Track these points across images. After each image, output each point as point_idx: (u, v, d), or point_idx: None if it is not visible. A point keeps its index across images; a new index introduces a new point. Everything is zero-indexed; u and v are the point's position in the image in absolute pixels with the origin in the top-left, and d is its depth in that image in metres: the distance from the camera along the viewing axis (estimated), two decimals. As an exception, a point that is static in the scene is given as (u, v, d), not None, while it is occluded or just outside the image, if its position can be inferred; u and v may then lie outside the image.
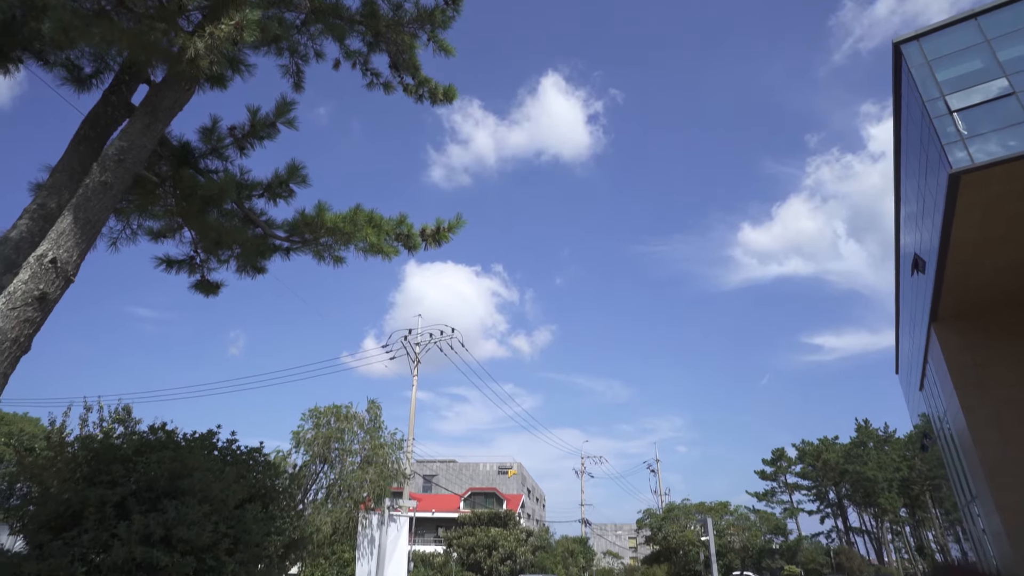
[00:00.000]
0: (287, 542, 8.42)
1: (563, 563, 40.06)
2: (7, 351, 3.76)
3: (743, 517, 30.14)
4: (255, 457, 8.86)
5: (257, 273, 7.03)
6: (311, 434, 17.12)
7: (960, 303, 17.55)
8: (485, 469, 58.43)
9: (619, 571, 69.30)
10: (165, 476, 7.02)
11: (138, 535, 6.27)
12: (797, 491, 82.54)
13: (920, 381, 28.08)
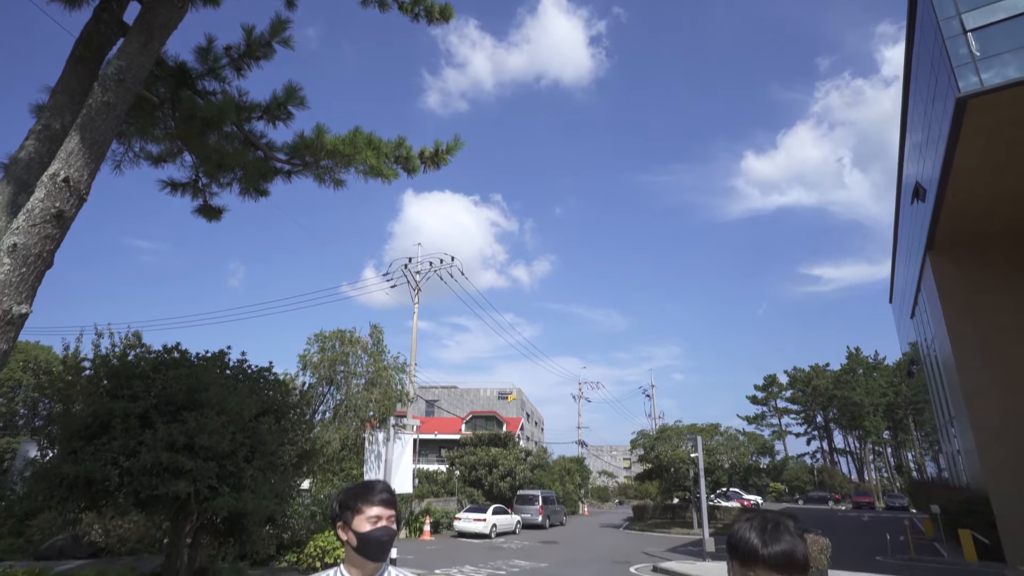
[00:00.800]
0: (300, 452, 9.02)
1: (560, 481, 42.39)
2: (33, 265, 3.98)
3: (732, 438, 31.58)
4: (265, 376, 9.31)
5: (260, 196, 7.15)
6: (317, 358, 17.72)
7: (957, 232, 17.70)
8: (485, 394, 60.52)
9: (613, 488, 73.29)
10: (183, 390, 7.45)
11: (163, 442, 6.76)
12: (786, 415, 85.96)
13: (912, 309, 28.67)
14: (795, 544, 1.45)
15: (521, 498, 30.51)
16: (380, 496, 1.85)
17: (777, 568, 1.42)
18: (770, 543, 1.44)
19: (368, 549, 1.80)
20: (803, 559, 1.45)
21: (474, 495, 31.87)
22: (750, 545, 1.46)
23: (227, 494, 7.06)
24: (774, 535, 1.46)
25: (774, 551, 1.43)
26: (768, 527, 1.48)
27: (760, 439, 33.92)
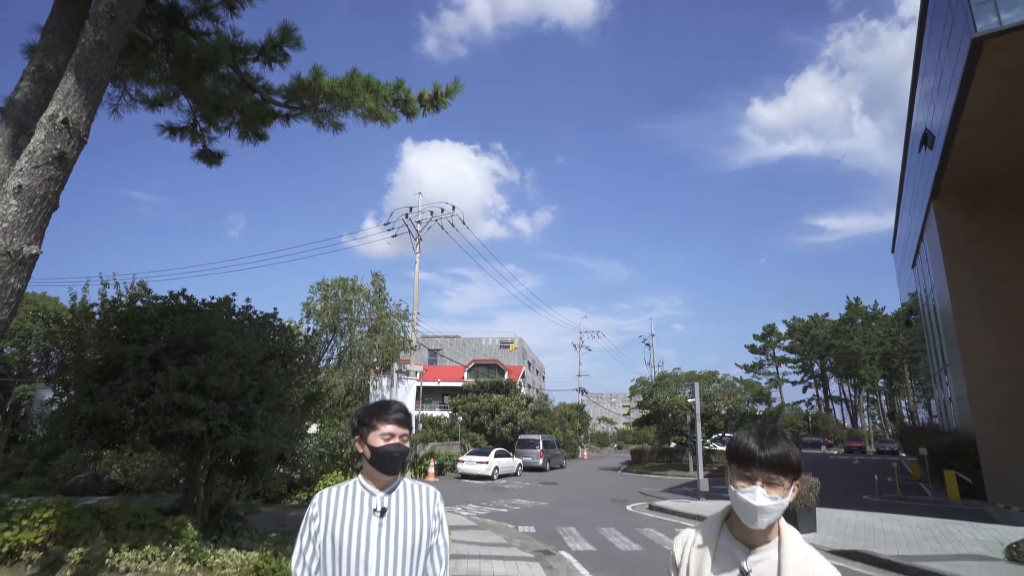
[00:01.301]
0: (306, 395, 9.29)
1: (560, 426, 43.55)
2: (39, 207, 4.03)
3: (729, 385, 32.26)
4: (270, 322, 9.47)
5: (258, 140, 7.09)
6: (320, 305, 17.94)
7: (962, 179, 17.52)
8: (487, 343, 61.35)
9: (612, 434, 75.32)
10: (191, 334, 7.61)
11: (174, 383, 6.97)
12: (784, 364, 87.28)
13: (913, 259, 28.69)
14: (790, 448, 1.53)
15: (522, 442, 31.45)
16: (394, 415, 1.96)
17: (772, 469, 1.51)
18: (767, 446, 1.53)
19: (381, 462, 1.92)
20: (797, 462, 1.53)
21: (477, 439, 32.85)
22: (748, 448, 1.55)
23: (238, 432, 7.33)
24: (771, 440, 1.54)
25: (771, 453, 1.51)
26: (766, 433, 1.58)
27: (757, 386, 34.62)
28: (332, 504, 1.92)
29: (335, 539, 1.85)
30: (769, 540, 1.55)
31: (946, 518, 13.38)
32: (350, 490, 1.96)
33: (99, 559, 5.87)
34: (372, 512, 1.89)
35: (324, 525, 1.89)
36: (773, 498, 1.49)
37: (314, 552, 1.89)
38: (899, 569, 8.62)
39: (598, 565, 8.66)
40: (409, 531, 1.90)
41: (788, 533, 1.56)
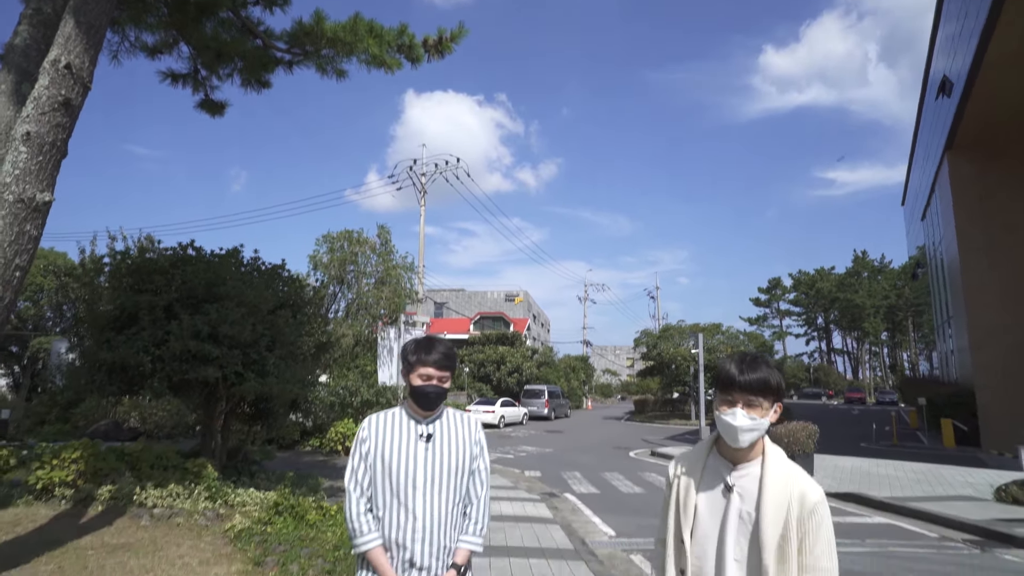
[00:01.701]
0: (317, 344, 9.48)
1: (565, 377, 44.30)
2: (49, 154, 4.05)
3: (733, 337, 32.56)
4: (279, 272, 9.57)
5: (261, 87, 7.00)
6: (327, 258, 18.03)
7: (978, 130, 17.11)
8: (493, 297, 61.70)
9: (616, 385, 76.64)
10: (202, 284, 7.72)
11: (188, 332, 7.13)
12: (788, 317, 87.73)
13: (923, 211, 28.35)
14: (769, 373, 1.61)
15: (528, 392, 32.09)
16: (434, 358, 2.05)
17: (752, 391, 1.59)
18: (746, 371, 1.61)
19: (418, 400, 2.06)
20: (776, 385, 1.61)
21: (483, 389, 33.53)
22: (729, 374, 1.63)
23: (252, 379, 7.54)
24: (751, 365, 1.63)
25: (750, 378, 1.60)
26: (746, 359, 1.65)
27: (760, 338, 34.94)
28: (380, 429, 2.06)
29: (385, 460, 1.99)
30: (753, 458, 1.63)
31: (940, 464, 13.75)
32: (396, 416, 2.09)
33: (127, 496, 6.18)
34: (419, 437, 2.02)
35: (374, 447, 2.02)
36: (752, 418, 1.57)
37: (365, 470, 2.03)
38: (891, 509, 8.95)
39: (601, 506, 9.02)
40: (453, 455, 2.04)
41: (772, 451, 1.64)
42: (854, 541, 7.07)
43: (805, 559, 1.52)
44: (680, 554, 1.67)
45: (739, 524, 1.57)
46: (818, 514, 1.54)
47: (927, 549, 6.83)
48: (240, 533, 5.28)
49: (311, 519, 5.61)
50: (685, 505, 1.68)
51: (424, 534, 1.95)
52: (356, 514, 1.99)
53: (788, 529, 1.52)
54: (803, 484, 1.57)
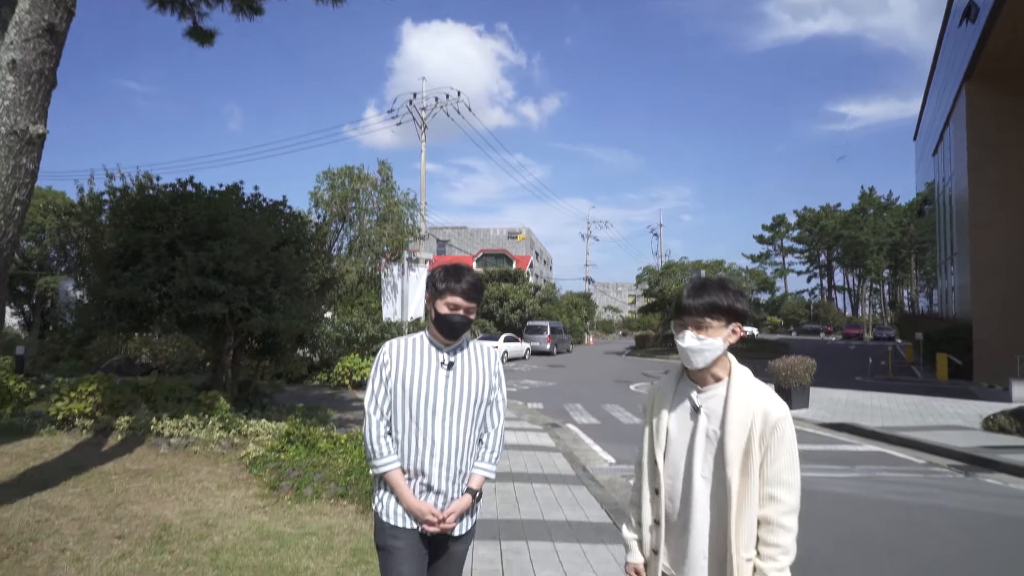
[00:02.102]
0: (321, 280, 9.54)
1: (567, 314, 44.80)
2: (37, 83, 3.94)
3: (735, 273, 32.67)
4: (280, 209, 9.50)
5: (253, 14, 6.70)
6: (327, 195, 17.84)
7: (1000, 59, 16.42)
8: (495, 234, 61.45)
9: (617, 322, 77.57)
10: (204, 221, 7.69)
11: (193, 268, 7.16)
12: (791, 254, 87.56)
13: (936, 146, 27.68)
14: (720, 296, 1.64)
15: (530, 328, 32.55)
16: (463, 288, 2.02)
17: (700, 314, 1.63)
18: (694, 296, 1.65)
19: (442, 329, 2.05)
20: (728, 306, 1.64)
21: (486, 326, 33.99)
22: (680, 300, 1.69)
23: (259, 315, 7.65)
24: (699, 290, 1.67)
25: (697, 302, 1.64)
26: (697, 284, 1.70)
27: (762, 275, 35.09)
28: (402, 354, 2.05)
29: (405, 386, 2.00)
30: (719, 380, 1.68)
31: (932, 396, 14.10)
32: (417, 343, 2.08)
33: (144, 426, 6.41)
34: (440, 365, 2.03)
35: (395, 372, 2.02)
36: (700, 339, 1.62)
37: (386, 394, 2.03)
38: (882, 438, 9.26)
39: (602, 436, 9.35)
40: (473, 384, 2.05)
41: (738, 372, 1.68)
42: (845, 467, 7.37)
43: (767, 471, 1.57)
44: (654, 474, 1.74)
45: (706, 443, 1.62)
46: (780, 430, 1.57)
47: (914, 474, 7.12)
48: (255, 460, 5.52)
49: (322, 447, 5.84)
50: (658, 429, 1.73)
51: (442, 459, 1.98)
52: (376, 437, 2.01)
53: (751, 444, 1.55)
54: (767, 401, 1.60)
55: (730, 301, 1.64)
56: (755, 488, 1.56)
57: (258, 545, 3.70)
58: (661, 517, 1.72)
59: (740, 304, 1.66)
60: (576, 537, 4.40)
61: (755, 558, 1.59)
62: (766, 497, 1.58)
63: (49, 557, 3.34)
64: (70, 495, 4.39)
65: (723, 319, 1.64)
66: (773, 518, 1.57)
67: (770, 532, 1.57)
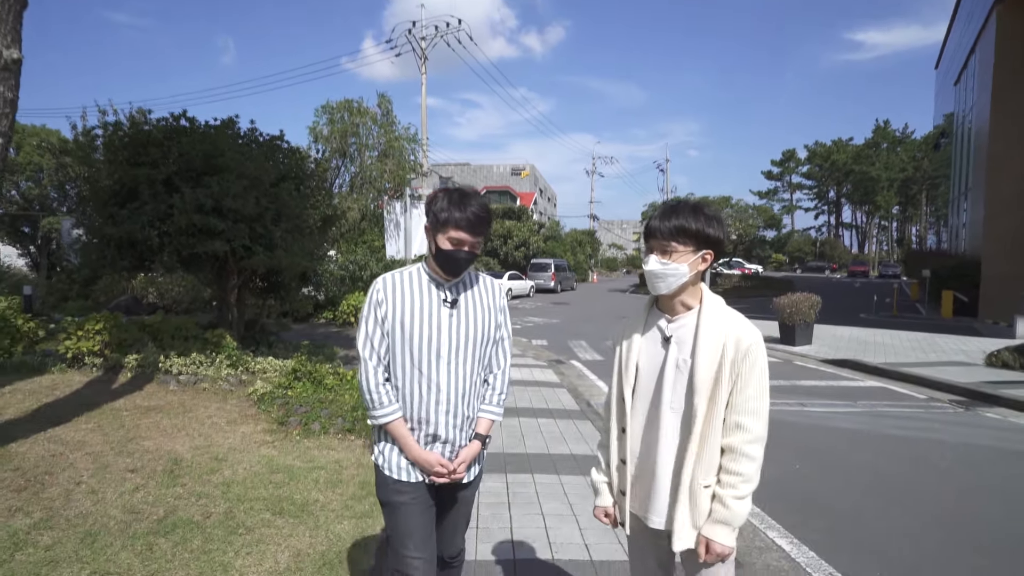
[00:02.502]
0: (323, 217, 9.39)
1: (572, 251, 44.63)
2: (5, 3, 3.67)
3: (742, 210, 32.20)
4: (278, 144, 9.23)
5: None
6: (327, 130, 17.35)
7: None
8: (499, 171, 60.38)
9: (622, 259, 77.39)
10: (200, 156, 7.48)
11: (191, 205, 7.03)
12: (799, 190, 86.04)
13: (958, 75, 26.51)
14: (690, 219, 1.56)
15: (535, 266, 32.51)
16: (467, 219, 1.77)
17: (665, 237, 1.56)
18: (662, 219, 1.59)
19: (444, 265, 1.83)
20: (697, 231, 1.55)
21: (490, 264, 33.95)
22: (649, 224, 1.63)
23: (261, 253, 7.57)
24: (668, 212, 1.59)
25: (663, 224, 1.57)
26: (668, 207, 1.62)
27: (769, 212, 34.65)
28: (399, 291, 1.84)
29: (404, 327, 1.81)
30: (690, 308, 1.61)
31: (936, 333, 14.14)
32: (415, 278, 1.87)
33: (152, 364, 6.47)
34: (442, 303, 1.84)
35: (392, 312, 1.82)
36: (663, 263, 1.55)
37: (382, 337, 1.83)
38: (884, 374, 9.33)
39: (605, 371, 9.44)
40: (479, 322, 1.88)
41: (709, 300, 1.61)
42: (847, 402, 7.45)
43: (735, 399, 1.52)
44: (622, 412, 1.68)
45: (676, 373, 1.57)
46: (752, 355, 1.51)
47: (915, 409, 7.20)
48: (263, 396, 5.58)
49: (329, 384, 5.89)
50: (627, 363, 1.67)
51: (448, 406, 1.83)
52: (374, 384, 1.82)
53: (721, 371, 1.51)
54: (739, 327, 1.54)
55: (700, 225, 1.55)
56: (720, 416, 1.53)
57: (268, 479, 3.77)
58: (627, 456, 1.68)
59: (712, 229, 1.56)
60: (581, 470, 4.48)
61: (714, 484, 1.55)
62: (732, 425, 1.54)
63: (65, 490, 3.41)
64: (83, 430, 4.46)
65: (691, 244, 1.56)
66: (737, 446, 1.53)
67: (733, 460, 1.53)
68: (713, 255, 1.60)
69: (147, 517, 3.14)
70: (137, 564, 2.66)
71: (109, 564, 2.63)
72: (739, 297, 25.97)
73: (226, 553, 2.82)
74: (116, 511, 3.17)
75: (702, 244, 1.56)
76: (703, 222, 1.55)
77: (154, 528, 3.02)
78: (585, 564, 2.98)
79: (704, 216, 1.57)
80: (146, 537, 2.91)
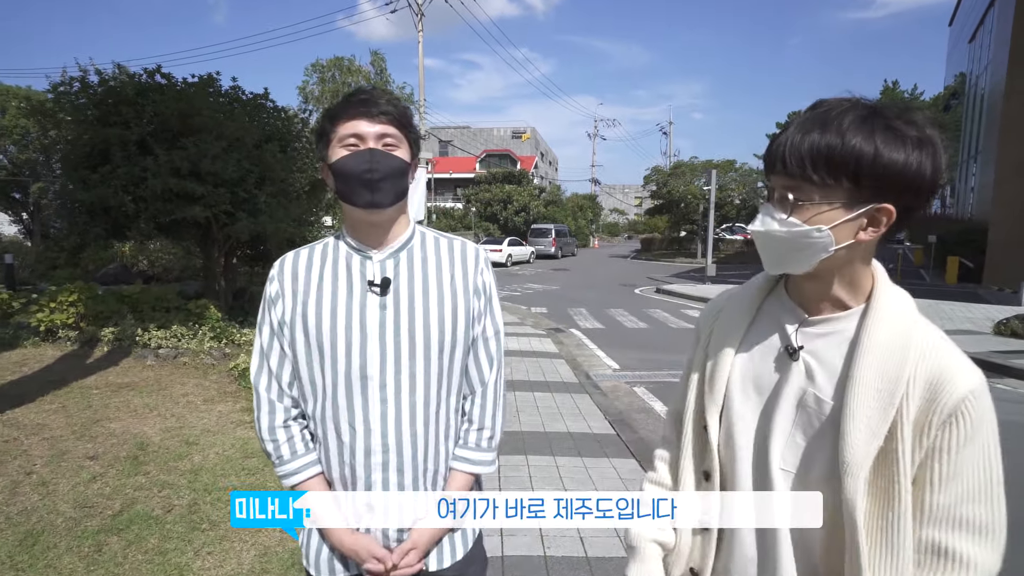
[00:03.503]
0: (311, 181, 8.98)
1: (573, 216, 44.04)
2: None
3: (747, 174, 31.51)
4: (262, 103, 8.75)
5: None
6: (317, 90, 16.71)
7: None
8: (499, 134, 59.17)
9: (623, 224, 76.70)
10: (175, 115, 7.04)
11: (166, 169, 6.62)
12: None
13: (974, 30, 25.53)
14: (847, 135, 0.80)
15: (535, 231, 32.04)
16: (359, 100, 1.13)
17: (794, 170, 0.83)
18: (801, 129, 0.84)
19: (343, 189, 1.13)
20: (855, 156, 0.79)
21: (490, 229, 33.47)
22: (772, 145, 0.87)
23: (244, 219, 7.21)
24: (814, 122, 0.82)
25: (797, 145, 0.83)
26: (816, 113, 0.84)
27: (774, 176, 33.80)
28: (301, 276, 1.19)
29: (309, 333, 1.16)
30: (848, 306, 0.89)
31: (941, 300, 13.84)
32: (328, 252, 1.21)
33: (130, 337, 6.18)
34: (366, 287, 1.16)
35: (292, 310, 1.17)
36: (778, 217, 0.84)
37: (282, 353, 1.20)
38: (892, 344, 9.07)
39: (606, 341, 9.18)
40: (434, 315, 1.18)
41: (887, 298, 0.87)
42: (854, 374, 7.19)
43: (932, 497, 0.81)
44: (703, 450, 1.00)
45: (799, 415, 0.89)
46: (965, 418, 0.79)
47: (925, 381, 6.95)
48: (244, 372, 5.31)
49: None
50: (713, 375, 0.98)
51: (385, 456, 1.15)
52: (269, 425, 1.19)
53: (898, 438, 0.80)
54: (941, 360, 0.82)
55: (870, 147, 0.78)
56: (904, 526, 0.81)
57: (240, 465, 3.51)
58: (713, 520, 0.99)
59: (899, 154, 0.78)
60: (578, 450, 4.24)
61: None
62: (928, 548, 0.82)
63: (12, 481, 3.15)
64: (45, 412, 4.19)
65: (846, 182, 0.80)
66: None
67: None
68: (894, 212, 0.81)
69: (100, 512, 2.88)
70: (80, 568, 2.40)
71: (48, 570, 2.37)
72: (742, 263, 25.64)
73: (184, 553, 2.57)
74: (66, 506, 2.91)
75: (875, 186, 0.80)
76: (879, 141, 0.78)
77: (107, 525, 2.76)
78: (580, 561, 2.73)
79: (886, 130, 0.79)
80: (96, 536, 2.65)
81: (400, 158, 1.15)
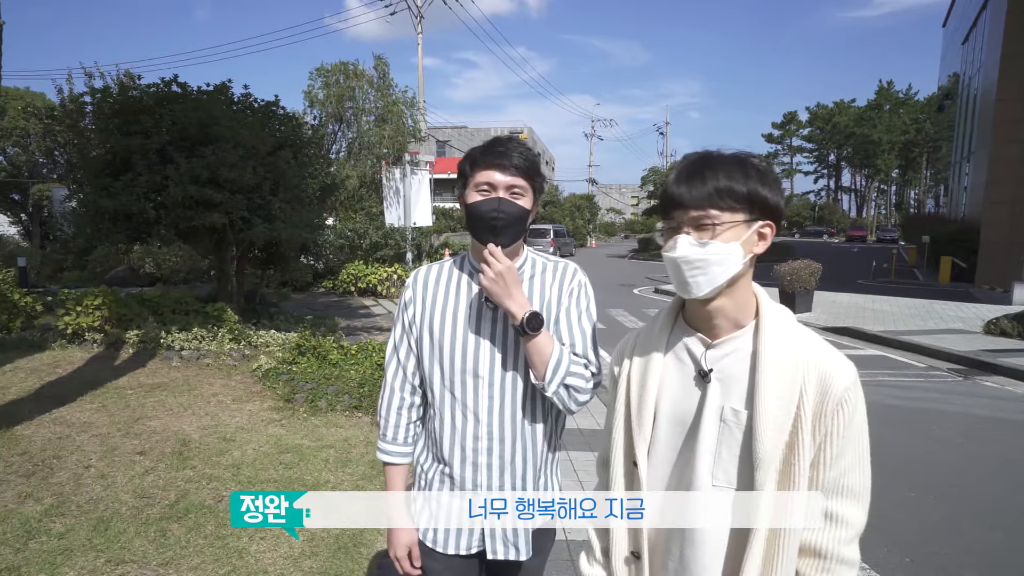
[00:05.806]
0: (321, 186, 9.23)
1: (570, 216, 44.31)
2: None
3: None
4: (273, 110, 9.00)
5: None
6: (322, 94, 16.94)
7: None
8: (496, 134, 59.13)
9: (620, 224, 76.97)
10: (193, 124, 7.28)
11: (186, 176, 6.87)
12: (800, 154, 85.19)
13: (967, 32, 25.88)
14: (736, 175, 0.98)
15: (533, 232, 32.20)
16: (496, 152, 1.31)
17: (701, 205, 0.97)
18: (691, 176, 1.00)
19: (472, 226, 1.33)
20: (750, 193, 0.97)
21: (488, 230, 33.56)
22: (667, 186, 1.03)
23: (260, 225, 7.45)
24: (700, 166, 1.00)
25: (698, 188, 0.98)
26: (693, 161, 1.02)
27: (769, 176, 34.12)
28: (431, 287, 1.42)
29: (433, 334, 1.39)
30: (741, 325, 1.04)
31: (933, 299, 14.17)
32: (455, 269, 1.44)
33: (154, 339, 6.43)
34: (484, 302, 1.36)
35: (420, 314, 1.41)
36: (702, 243, 0.96)
37: (409, 348, 1.44)
38: (884, 342, 9.38)
39: (605, 340, 9.33)
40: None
41: (770, 313, 1.04)
42: (847, 372, 7.48)
43: (825, 474, 0.99)
44: (633, 484, 1.11)
45: (721, 430, 1.02)
46: (848, 405, 0.97)
47: (914, 378, 7.25)
48: (267, 373, 5.57)
49: (333, 358, 5.87)
50: (640, 410, 1.09)
51: (491, 443, 1.37)
52: (386, 407, 1.46)
53: (799, 432, 0.96)
54: (824, 359, 0.99)
55: (754, 187, 0.97)
56: (800, 500, 0.97)
57: (277, 459, 3.78)
58: (643, 548, 1.09)
59: (768, 191, 0.98)
60: (588, 445, 4.51)
61: None
62: (820, 514, 1.00)
63: (74, 474, 3.41)
64: (88, 411, 4.46)
65: (745, 211, 0.97)
66: (830, 548, 1.00)
67: (823, 570, 1.00)
68: (775, 227, 1.02)
69: (159, 502, 3.15)
70: (152, 551, 2.67)
71: (124, 552, 2.64)
72: (738, 263, 25.90)
73: (240, 538, 2.84)
74: (127, 496, 3.19)
75: (760, 212, 0.99)
76: (758, 181, 0.98)
77: (166, 513, 3.03)
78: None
79: (755, 170, 0.99)
80: (159, 523, 2.93)
81: (522, 206, 1.34)
